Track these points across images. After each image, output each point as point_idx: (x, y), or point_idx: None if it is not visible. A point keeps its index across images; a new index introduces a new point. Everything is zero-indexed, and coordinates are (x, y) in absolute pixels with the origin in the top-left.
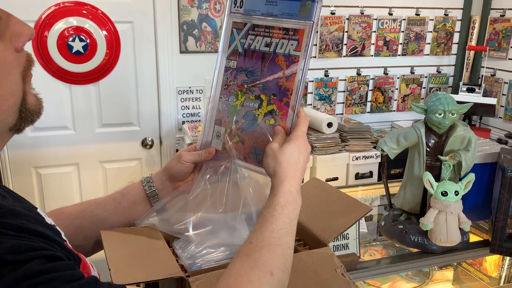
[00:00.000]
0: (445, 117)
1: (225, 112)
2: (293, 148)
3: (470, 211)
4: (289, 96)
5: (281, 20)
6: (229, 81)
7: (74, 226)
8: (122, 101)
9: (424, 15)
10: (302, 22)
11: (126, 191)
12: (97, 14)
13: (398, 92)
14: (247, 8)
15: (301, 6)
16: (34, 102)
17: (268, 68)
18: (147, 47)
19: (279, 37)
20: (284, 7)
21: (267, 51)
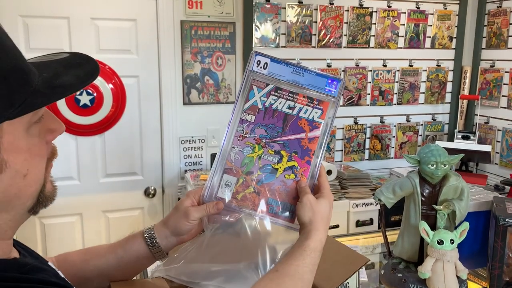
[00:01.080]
0: (437, 168)
1: (238, 162)
2: (326, 203)
3: (468, 259)
4: (311, 156)
5: (307, 89)
6: (245, 133)
7: (78, 277)
8: (126, 151)
9: (417, 66)
10: (327, 95)
11: (128, 246)
12: (104, 69)
13: (395, 140)
14: (272, 71)
15: (328, 82)
16: (51, 189)
17: (290, 128)
18: (152, 99)
19: (304, 103)
20: (311, 79)
21: (289, 113)
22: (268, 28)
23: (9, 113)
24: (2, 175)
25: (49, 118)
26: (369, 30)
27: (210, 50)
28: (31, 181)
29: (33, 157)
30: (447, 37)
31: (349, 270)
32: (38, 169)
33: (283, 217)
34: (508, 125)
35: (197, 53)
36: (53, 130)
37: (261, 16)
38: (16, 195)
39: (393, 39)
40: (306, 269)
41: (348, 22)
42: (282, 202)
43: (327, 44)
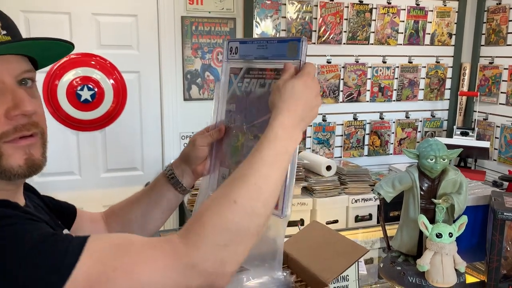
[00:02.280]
0: (436, 162)
1: (228, 154)
2: (297, 83)
3: (466, 252)
4: None
5: (272, 62)
6: (230, 123)
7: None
8: (127, 146)
9: (417, 62)
10: (291, 62)
11: (154, 185)
12: (105, 65)
13: (394, 136)
14: (242, 53)
15: (288, 47)
16: (15, 163)
17: (264, 107)
18: (153, 95)
19: (272, 77)
20: (274, 49)
21: (261, 92)
22: (268, 24)
23: None
24: None
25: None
26: (369, 26)
27: (210, 46)
28: None
29: None
30: (447, 33)
31: (349, 260)
32: None
33: None
34: (507, 121)
35: (197, 49)
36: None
37: (261, 12)
38: None
39: (392, 35)
40: (262, 162)
41: (348, 19)
42: None
43: (327, 40)
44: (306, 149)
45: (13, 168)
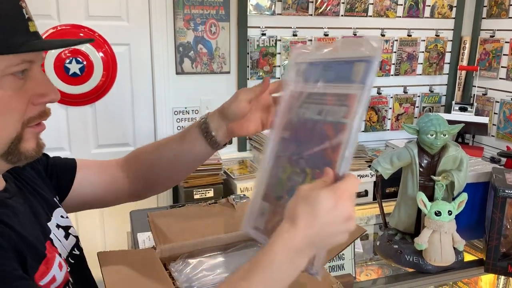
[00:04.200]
0: (437, 137)
1: (272, 187)
2: (324, 196)
3: (464, 230)
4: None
5: (334, 85)
6: (280, 152)
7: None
8: (118, 121)
9: (416, 36)
10: (354, 86)
11: (185, 135)
12: (94, 37)
13: (392, 112)
14: (307, 75)
15: (354, 68)
16: (31, 147)
17: (316, 137)
18: (144, 68)
19: (332, 103)
20: (338, 70)
21: (317, 119)
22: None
23: None
24: None
25: (41, 81)
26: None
27: (203, 17)
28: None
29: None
30: (447, 6)
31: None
32: (5, 119)
33: None
34: (507, 96)
35: (189, 20)
36: (41, 94)
37: None
38: None
39: (391, 7)
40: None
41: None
42: None
43: (325, 12)
44: None
45: (28, 151)
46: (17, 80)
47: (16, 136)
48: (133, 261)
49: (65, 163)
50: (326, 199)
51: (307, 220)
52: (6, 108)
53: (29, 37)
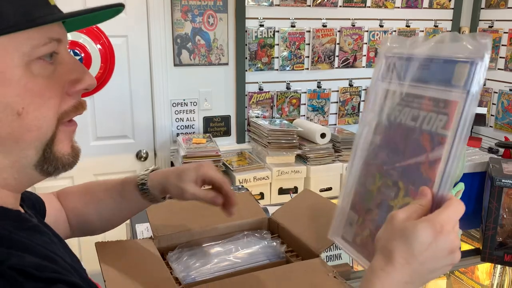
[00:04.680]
0: None
1: (361, 197)
2: (423, 228)
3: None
4: (431, 187)
5: (432, 88)
6: (370, 159)
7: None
8: (117, 114)
9: (414, 26)
10: (455, 91)
11: (124, 193)
12: (91, 29)
13: None
14: (399, 71)
15: (456, 70)
16: (66, 152)
17: (411, 148)
18: (141, 60)
19: (428, 109)
20: (437, 71)
21: (412, 126)
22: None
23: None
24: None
25: (74, 66)
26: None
27: (201, 8)
28: (29, 124)
29: (32, 95)
30: None
31: None
32: (41, 113)
33: None
34: (505, 87)
35: (187, 11)
36: (76, 80)
37: None
38: (10, 135)
39: None
40: None
41: None
42: None
43: (323, 3)
44: (301, 116)
45: (65, 157)
46: (47, 65)
47: (51, 137)
48: (131, 251)
49: (36, 198)
50: (425, 232)
51: (405, 257)
52: (40, 101)
53: (51, 9)
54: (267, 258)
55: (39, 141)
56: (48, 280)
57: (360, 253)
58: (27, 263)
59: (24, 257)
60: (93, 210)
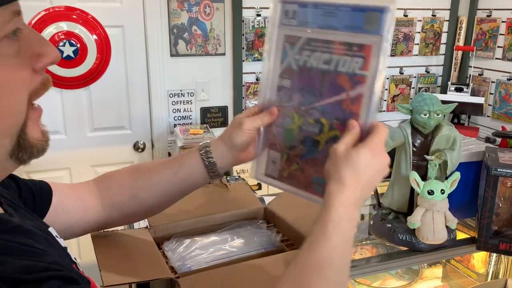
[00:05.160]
0: (430, 117)
1: (280, 136)
2: (364, 154)
3: (457, 209)
4: (356, 120)
5: (342, 33)
6: (283, 102)
7: (128, 196)
8: (113, 105)
9: (412, 16)
10: (368, 36)
11: (183, 161)
12: (87, 19)
13: (388, 93)
14: (301, 19)
15: (367, 18)
16: (38, 136)
17: (328, 88)
18: (138, 51)
19: (341, 53)
20: (346, 18)
21: (326, 69)
22: None
23: None
24: None
25: (36, 40)
26: None
27: None
28: (4, 112)
29: (4, 80)
30: None
31: None
32: (15, 97)
33: None
34: (502, 76)
35: (183, 1)
36: (40, 55)
37: None
38: None
39: None
40: (335, 253)
41: None
42: (323, 179)
43: None
44: None
45: (38, 142)
46: (13, 43)
47: (24, 122)
48: (127, 241)
49: (39, 186)
50: (365, 156)
51: (353, 179)
52: (13, 84)
53: None
54: (262, 247)
55: (14, 127)
56: (39, 280)
57: (289, 184)
58: (12, 269)
59: (8, 263)
60: (143, 184)
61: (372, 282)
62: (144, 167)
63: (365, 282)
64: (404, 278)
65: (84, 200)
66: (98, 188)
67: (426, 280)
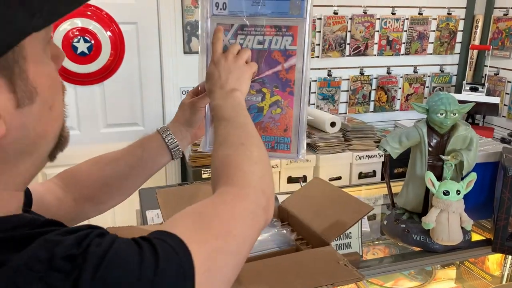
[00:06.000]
0: (446, 117)
1: None
2: (210, 69)
3: (473, 210)
4: (292, 85)
5: (272, 18)
6: None
7: (98, 186)
8: (127, 101)
9: (427, 14)
10: (294, 19)
11: (144, 145)
12: (101, 15)
13: (401, 91)
14: (232, 9)
15: (291, 4)
16: (66, 129)
17: (265, 63)
18: (151, 47)
19: (272, 34)
20: (273, 6)
21: (261, 48)
22: None
23: (34, 22)
24: (33, 106)
25: (52, 42)
26: None
27: None
28: (56, 116)
29: (56, 84)
30: None
31: (353, 218)
32: (61, 100)
33: (279, 150)
34: None
35: None
36: (57, 56)
37: None
38: (44, 132)
39: None
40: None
41: None
42: (275, 137)
43: None
44: (310, 105)
45: (68, 134)
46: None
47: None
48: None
49: None
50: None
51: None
52: (59, 86)
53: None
54: (277, 245)
55: (59, 127)
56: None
57: None
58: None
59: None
60: (110, 171)
61: (385, 283)
62: (107, 156)
63: (377, 282)
64: (417, 279)
65: (57, 198)
66: (66, 184)
67: (440, 281)
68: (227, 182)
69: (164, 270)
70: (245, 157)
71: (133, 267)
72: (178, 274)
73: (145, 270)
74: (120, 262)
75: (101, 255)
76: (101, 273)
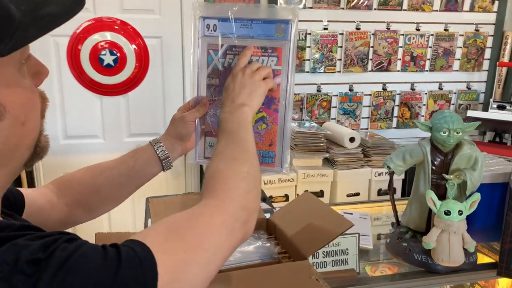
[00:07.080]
0: (449, 135)
1: (214, 124)
2: (228, 81)
3: (482, 232)
4: (277, 103)
5: (258, 40)
6: (214, 97)
7: (90, 192)
8: (150, 112)
9: (453, 30)
10: (279, 41)
11: (137, 156)
12: (127, 29)
13: (426, 108)
14: (222, 31)
15: (276, 28)
16: (45, 139)
17: None
18: (174, 60)
19: (259, 54)
20: (260, 29)
21: None
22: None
23: (1, 48)
24: (2, 123)
25: (33, 60)
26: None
27: None
28: (29, 130)
29: (29, 101)
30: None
31: (332, 234)
32: (35, 116)
33: (264, 164)
34: None
35: None
36: (39, 73)
37: None
38: (16, 146)
39: (428, 1)
40: None
41: None
42: (260, 151)
43: (357, 5)
44: (331, 119)
45: (46, 143)
46: (24, 65)
47: (40, 133)
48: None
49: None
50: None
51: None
52: (34, 103)
53: None
54: (259, 258)
55: (34, 140)
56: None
57: None
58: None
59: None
60: (103, 179)
61: None
62: (101, 165)
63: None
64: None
65: (50, 202)
66: (59, 189)
67: None
68: (211, 194)
69: (123, 277)
70: (233, 172)
71: (92, 272)
72: (138, 282)
73: (104, 275)
74: (80, 267)
75: (64, 260)
76: (60, 277)
